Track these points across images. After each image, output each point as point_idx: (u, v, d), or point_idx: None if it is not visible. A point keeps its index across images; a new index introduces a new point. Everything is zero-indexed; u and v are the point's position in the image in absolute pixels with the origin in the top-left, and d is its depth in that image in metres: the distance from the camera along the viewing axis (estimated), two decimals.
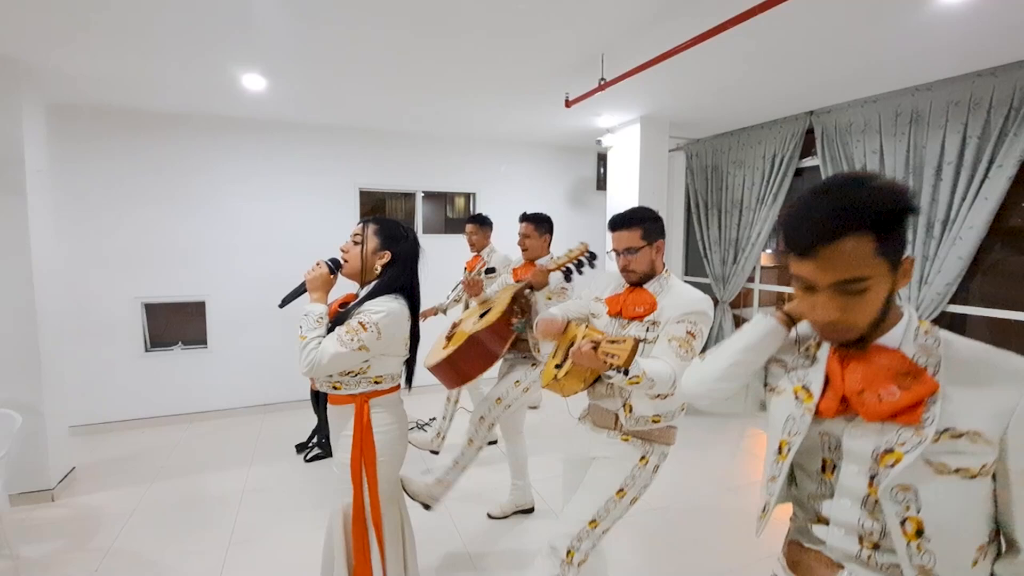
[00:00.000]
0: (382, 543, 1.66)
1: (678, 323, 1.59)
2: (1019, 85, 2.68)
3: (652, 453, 1.67)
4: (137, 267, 4.01)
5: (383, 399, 1.69)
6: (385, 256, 1.69)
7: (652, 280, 1.70)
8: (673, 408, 1.66)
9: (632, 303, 1.69)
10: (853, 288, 0.79)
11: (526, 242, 2.70)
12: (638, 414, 1.63)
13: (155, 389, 4.13)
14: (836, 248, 0.77)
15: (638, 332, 1.65)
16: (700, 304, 1.61)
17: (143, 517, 2.81)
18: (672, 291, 1.67)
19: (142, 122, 3.92)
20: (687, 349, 1.55)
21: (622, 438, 1.68)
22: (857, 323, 0.82)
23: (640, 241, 1.66)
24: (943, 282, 3.01)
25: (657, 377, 1.47)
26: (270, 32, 2.47)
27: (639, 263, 1.68)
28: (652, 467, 1.68)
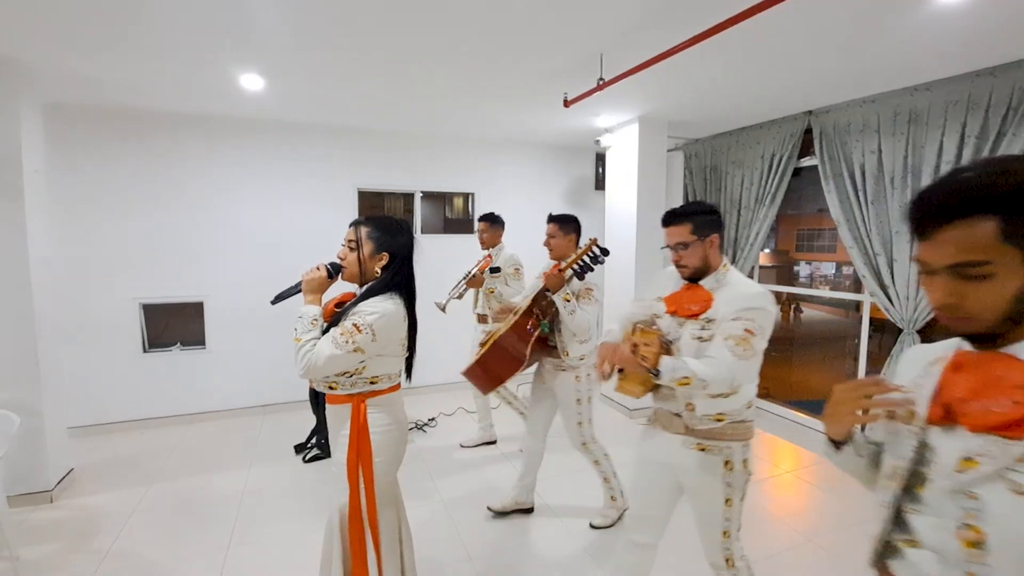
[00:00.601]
0: (378, 544, 1.66)
1: (734, 320, 1.54)
2: (1017, 85, 2.68)
3: (733, 455, 1.64)
4: (135, 268, 4.01)
5: (381, 399, 1.68)
6: (383, 258, 1.68)
7: (708, 276, 1.67)
8: (737, 406, 1.62)
9: (687, 301, 1.66)
10: (969, 272, 0.74)
11: (551, 242, 2.67)
12: (700, 412, 1.62)
13: (154, 390, 4.12)
14: (951, 229, 0.74)
15: (694, 331, 1.62)
16: (757, 299, 1.55)
17: (142, 518, 2.81)
18: (728, 286, 1.63)
19: (140, 122, 3.91)
20: (745, 347, 1.49)
21: (697, 447, 1.65)
22: (975, 312, 0.76)
23: (690, 236, 1.64)
24: None
25: (709, 378, 1.45)
26: (268, 32, 2.46)
27: (690, 258, 1.66)
28: (740, 464, 1.65)
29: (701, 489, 1.68)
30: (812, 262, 4.40)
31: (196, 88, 3.34)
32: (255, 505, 2.93)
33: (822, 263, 4.28)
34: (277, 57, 2.79)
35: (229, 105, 3.75)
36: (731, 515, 1.67)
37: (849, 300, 3.87)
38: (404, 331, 1.68)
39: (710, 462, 1.63)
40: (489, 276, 3.50)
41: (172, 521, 2.78)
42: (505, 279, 3.47)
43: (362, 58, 2.81)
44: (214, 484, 3.18)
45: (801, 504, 3.06)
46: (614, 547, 2.54)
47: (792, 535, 2.68)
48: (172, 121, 3.98)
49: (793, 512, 2.95)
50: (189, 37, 2.50)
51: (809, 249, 4.39)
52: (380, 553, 1.67)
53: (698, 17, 2.25)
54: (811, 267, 4.39)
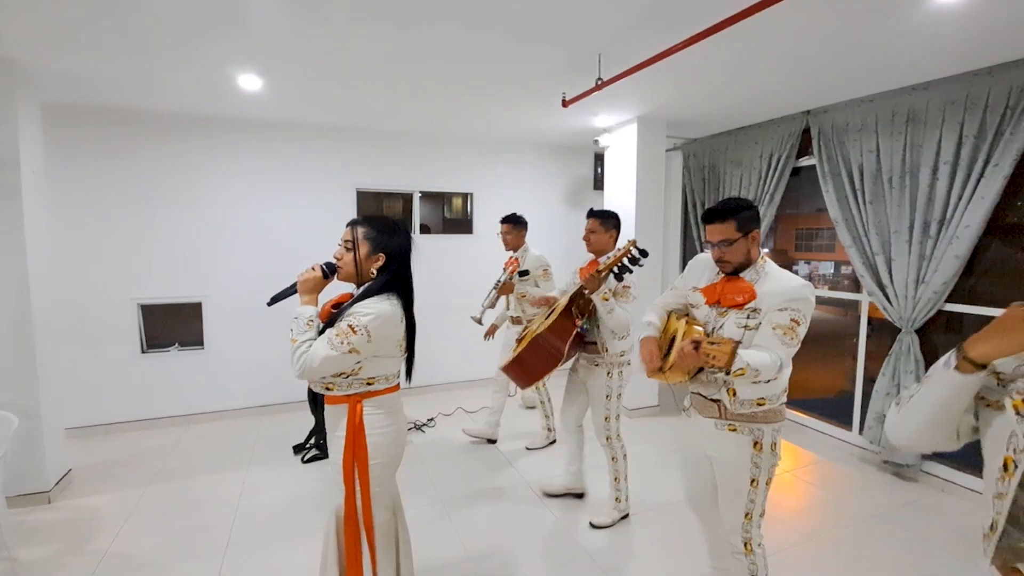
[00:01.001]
0: (373, 546, 1.65)
1: (780, 311, 1.61)
2: (1015, 84, 2.69)
3: (763, 436, 1.70)
4: (133, 268, 4.00)
5: (378, 400, 1.67)
6: (380, 259, 1.67)
7: (748, 268, 1.72)
8: (777, 391, 1.69)
9: (730, 292, 1.71)
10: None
11: (592, 237, 2.68)
12: (742, 397, 1.68)
13: (152, 391, 4.12)
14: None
15: (738, 320, 1.67)
16: (802, 291, 1.62)
17: (140, 520, 2.80)
18: (770, 278, 1.68)
19: (138, 122, 3.90)
20: (792, 336, 1.59)
21: (729, 428, 1.71)
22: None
23: (735, 233, 1.67)
24: (940, 281, 3.02)
25: (762, 367, 1.52)
26: (266, 32, 2.46)
27: (734, 254, 1.69)
28: (769, 446, 1.70)
29: (729, 468, 1.74)
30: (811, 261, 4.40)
31: (194, 88, 3.34)
32: (253, 506, 2.93)
33: (821, 262, 4.28)
34: (275, 57, 2.79)
35: (227, 105, 3.75)
36: (755, 497, 1.73)
37: (848, 299, 3.87)
38: (401, 332, 1.67)
39: (740, 442, 1.70)
40: (518, 280, 3.50)
41: (170, 522, 2.78)
42: (535, 281, 3.46)
43: (360, 58, 2.80)
44: (212, 485, 3.18)
45: (800, 503, 3.06)
46: (612, 546, 2.55)
47: (791, 534, 2.68)
48: (171, 121, 3.98)
49: (793, 511, 2.95)
50: (187, 36, 2.50)
51: (808, 248, 4.40)
52: (375, 556, 1.66)
53: (696, 17, 2.25)
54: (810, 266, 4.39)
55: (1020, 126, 2.68)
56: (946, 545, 2.59)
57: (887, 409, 3.29)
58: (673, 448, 3.73)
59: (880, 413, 3.34)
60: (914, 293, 3.16)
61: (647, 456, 3.56)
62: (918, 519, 2.83)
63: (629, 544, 2.60)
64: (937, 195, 3.02)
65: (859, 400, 3.72)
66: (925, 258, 3.11)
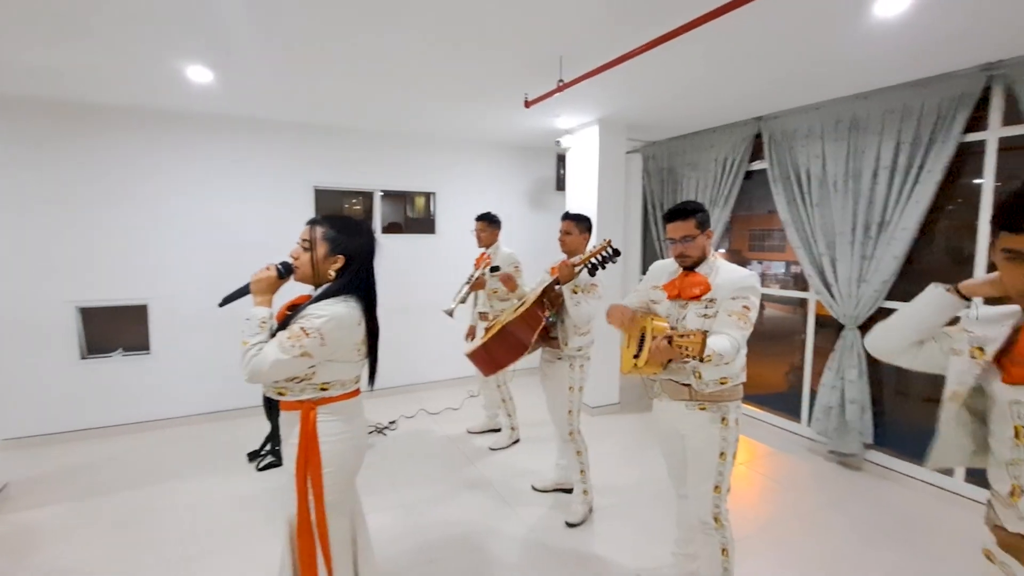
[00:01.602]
0: (328, 555, 1.60)
1: (733, 299, 1.81)
2: (945, 96, 2.88)
3: (728, 413, 1.89)
4: (72, 269, 3.76)
5: (334, 406, 1.61)
6: (338, 261, 1.61)
7: (702, 264, 1.92)
8: (735, 370, 1.88)
9: (688, 286, 1.91)
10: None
11: (566, 239, 2.77)
12: (707, 378, 1.86)
13: (93, 399, 3.88)
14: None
15: (697, 311, 1.87)
16: (749, 280, 1.83)
17: (84, 534, 2.64)
18: (721, 271, 1.89)
19: (79, 115, 3.67)
20: (744, 320, 1.79)
21: (699, 408, 1.90)
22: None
23: (695, 230, 1.89)
24: (880, 280, 3.20)
25: (724, 351, 1.69)
26: (215, 22, 2.36)
27: (694, 249, 1.90)
28: (733, 422, 1.90)
29: (701, 443, 1.92)
30: (763, 261, 4.58)
31: (139, 80, 3.17)
32: (206, 517, 2.81)
33: (773, 262, 4.46)
34: (226, 49, 2.68)
35: (176, 98, 3.58)
36: (723, 470, 1.91)
37: (797, 298, 4.05)
38: (359, 336, 1.62)
39: (710, 419, 1.89)
40: (489, 276, 3.61)
41: (116, 536, 2.63)
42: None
43: (316, 55, 2.73)
44: (161, 496, 3.02)
45: (754, 495, 3.18)
46: (579, 541, 2.58)
47: (746, 525, 2.78)
48: (114, 114, 3.77)
49: (747, 503, 3.06)
50: (131, 26, 2.37)
51: (760, 249, 4.58)
52: (331, 565, 1.61)
53: (654, 23, 2.30)
54: (762, 266, 4.57)
55: (950, 134, 2.87)
56: (886, 529, 2.74)
57: (833, 401, 3.47)
58: (636, 443, 3.81)
59: (827, 406, 3.51)
60: (856, 291, 3.34)
61: (611, 452, 3.62)
62: (862, 506, 2.99)
63: (594, 538, 2.63)
64: (877, 198, 3.20)
65: (807, 394, 3.89)
66: (866, 258, 3.29)
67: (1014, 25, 2.31)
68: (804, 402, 3.92)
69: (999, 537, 1.07)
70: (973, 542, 1.17)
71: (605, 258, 2.44)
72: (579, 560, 2.47)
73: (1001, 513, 1.07)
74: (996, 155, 2.84)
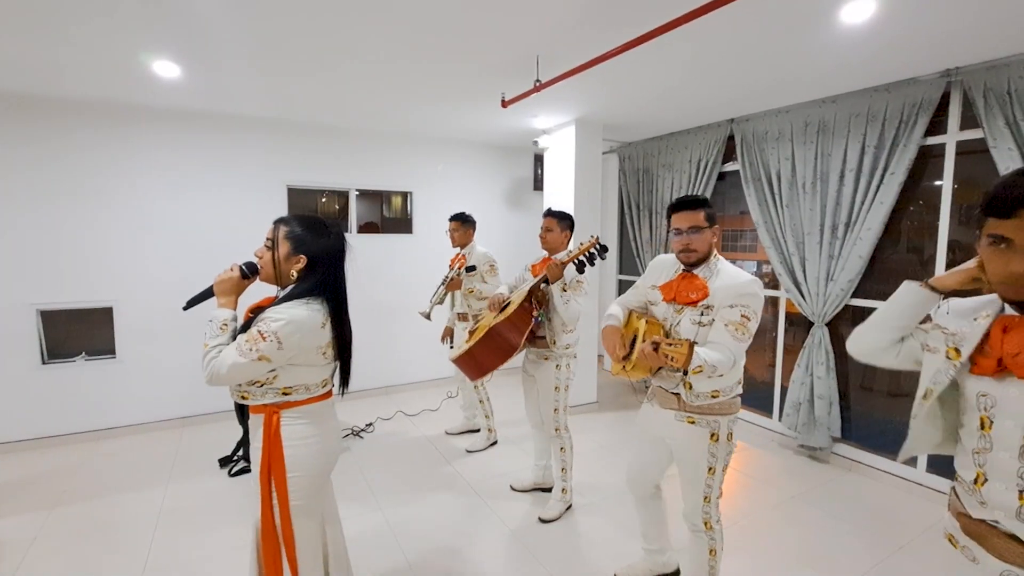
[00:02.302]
0: (293, 560, 1.57)
1: (731, 307, 1.69)
2: (907, 101, 2.98)
3: (720, 427, 1.80)
4: (32, 270, 3.61)
5: (299, 410, 1.57)
6: (300, 261, 1.56)
7: (702, 265, 1.81)
8: (731, 383, 1.79)
9: (685, 289, 1.80)
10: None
11: (548, 236, 2.75)
12: (698, 390, 1.77)
13: (55, 405, 3.73)
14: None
15: (692, 317, 1.77)
16: (750, 287, 1.71)
17: (46, 545, 2.54)
18: (721, 275, 1.77)
19: (39, 109, 3.52)
20: (743, 331, 1.67)
21: (688, 420, 1.81)
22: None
23: (704, 222, 1.79)
24: (846, 279, 3.30)
25: (717, 363, 1.62)
26: (182, 14, 2.29)
27: (700, 243, 1.79)
28: (725, 437, 1.82)
29: (688, 458, 1.85)
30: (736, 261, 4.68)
31: (104, 73, 3.05)
32: (175, 525, 2.73)
33: (745, 262, 4.56)
34: (194, 42, 2.60)
35: (142, 93, 3.46)
36: (712, 483, 1.86)
37: (768, 296, 4.14)
38: (324, 339, 1.56)
39: (698, 434, 1.81)
40: (465, 276, 3.57)
41: (79, 547, 2.53)
42: (481, 276, 3.55)
43: (289, 52, 2.68)
44: (127, 505, 2.93)
45: (728, 490, 3.23)
46: (558, 540, 2.59)
47: None
48: (77, 109, 3.62)
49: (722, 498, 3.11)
50: (94, 16, 2.28)
51: (733, 249, 4.67)
52: (296, 570, 1.57)
53: (630, 24, 2.33)
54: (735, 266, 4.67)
55: (912, 138, 2.97)
56: (854, 519, 2.83)
57: (802, 397, 3.56)
58: (613, 442, 3.84)
59: (797, 401, 3.61)
60: (824, 290, 3.43)
61: (589, 450, 3.65)
62: (829, 498, 3.08)
63: (575, 537, 2.65)
64: (844, 199, 3.30)
65: (778, 390, 3.99)
66: (834, 257, 3.39)
67: (971, 33, 2.41)
68: (775, 398, 4.01)
69: (962, 523, 1.11)
70: (935, 529, 1.22)
71: (593, 255, 2.44)
72: (559, 560, 2.48)
73: (965, 500, 1.10)
74: (955, 158, 2.96)
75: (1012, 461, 1.00)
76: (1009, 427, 1.00)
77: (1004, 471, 1.01)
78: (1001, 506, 1.01)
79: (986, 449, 1.04)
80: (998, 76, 2.63)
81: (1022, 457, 0.98)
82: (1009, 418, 1.00)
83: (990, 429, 1.03)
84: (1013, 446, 0.99)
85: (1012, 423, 0.99)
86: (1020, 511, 0.98)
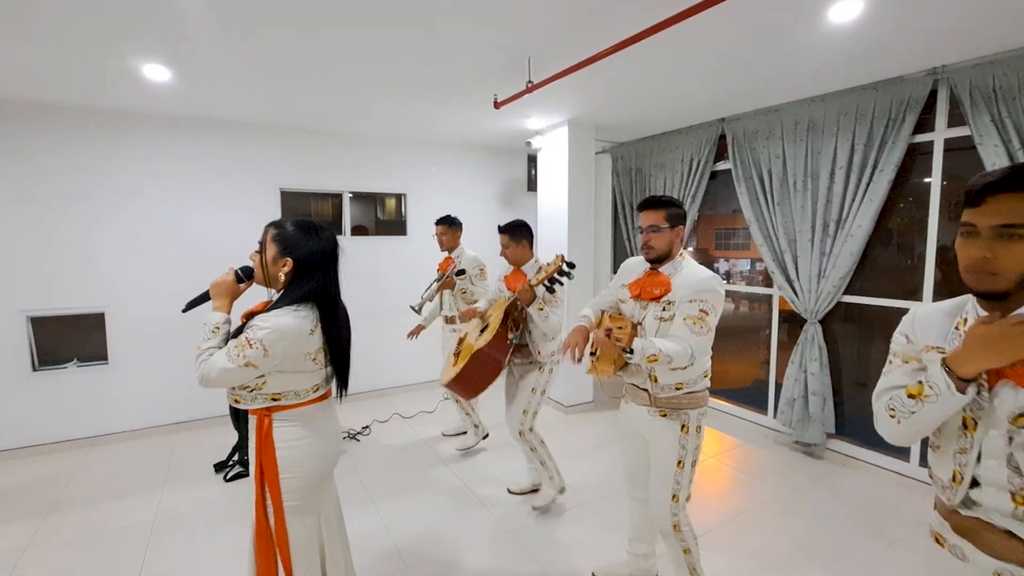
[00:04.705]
0: (287, 562, 1.57)
1: (690, 302, 1.77)
2: (895, 99, 3.01)
3: (689, 420, 1.87)
4: (22, 276, 3.58)
5: (292, 412, 1.57)
6: (286, 264, 1.55)
7: (667, 263, 1.89)
8: (694, 375, 1.85)
9: (649, 286, 1.88)
10: (1008, 232, 0.92)
11: (506, 252, 2.82)
12: (663, 383, 1.85)
13: (47, 412, 3.70)
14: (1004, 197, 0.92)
15: (656, 312, 1.85)
16: (708, 283, 1.78)
17: (38, 553, 2.52)
18: (684, 272, 1.85)
19: (30, 114, 3.50)
20: (701, 325, 1.75)
21: (660, 414, 1.89)
22: (1003, 269, 0.93)
23: (664, 222, 1.85)
24: (838, 275, 3.33)
25: (674, 354, 1.68)
26: (173, 18, 2.28)
27: (659, 241, 1.86)
28: (695, 430, 1.88)
29: (660, 449, 1.91)
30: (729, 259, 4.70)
31: (94, 78, 3.03)
32: (170, 531, 2.71)
33: (738, 260, 4.59)
34: (184, 46, 2.59)
35: (134, 97, 3.44)
36: (681, 478, 1.89)
37: (761, 294, 4.17)
38: (312, 346, 1.54)
39: (669, 426, 1.88)
40: (457, 278, 3.55)
41: (73, 555, 2.51)
42: (471, 279, 3.53)
43: (280, 54, 2.67)
44: (121, 512, 2.90)
45: (724, 486, 3.26)
46: (552, 540, 2.59)
47: (716, 516, 2.85)
48: (68, 114, 3.60)
49: (717, 495, 3.14)
50: (83, 20, 2.27)
51: (726, 247, 4.70)
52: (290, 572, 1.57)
53: (620, 25, 2.34)
54: (729, 263, 4.69)
55: (900, 135, 3.00)
56: (848, 514, 2.85)
57: (796, 393, 3.58)
58: (607, 440, 3.85)
59: (791, 398, 3.63)
60: (817, 287, 3.46)
61: (582, 448, 3.65)
62: (824, 493, 3.10)
63: (574, 537, 2.65)
64: (834, 197, 3.33)
65: (773, 387, 4.01)
66: (825, 255, 3.42)
67: (956, 31, 2.45)
68: (770, 395, 4.04)
69: (952, 521, 1.08)
70: (927, 523, 1.21)
71: (561, 273, 2.45)
72: (560, 560, 2.48)
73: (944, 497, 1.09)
74: (942, 155, 3.00)
75: (1000, 469, 0.98)
76: (994, 434, 0.98)
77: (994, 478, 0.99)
78: (997, 510, 0.99)
79: (967, 449, 1.02)
80: (983, 74, 2.66)
81: (1009, 464, 0.96)
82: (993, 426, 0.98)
83: (974, 430, 1.01)
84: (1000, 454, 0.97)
85: (996, 431, 0.97)
86: (1016, 511, 0.96)
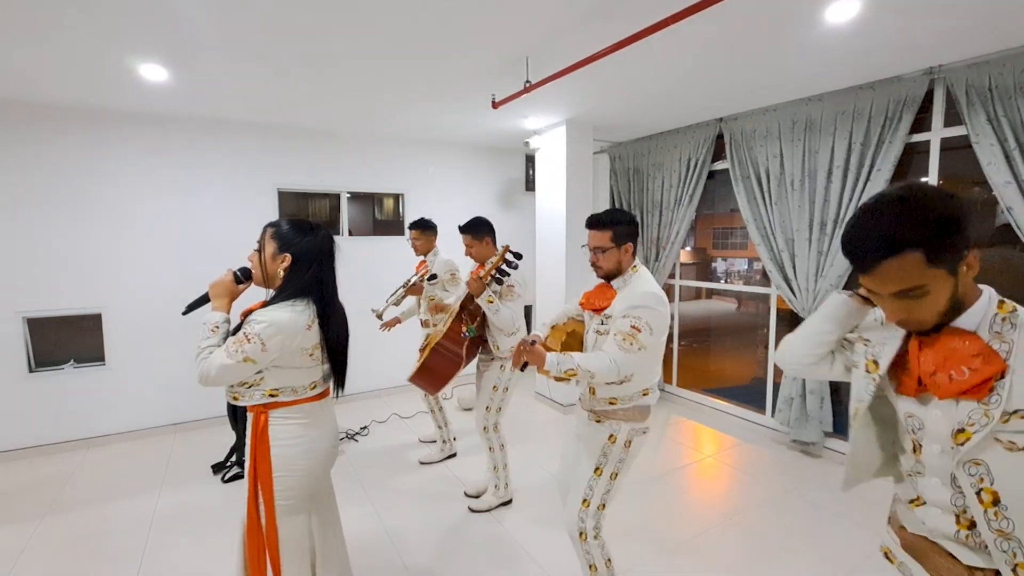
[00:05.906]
0: (276, 561, 1.56)
1: (623, 318, 1.71)
2: (893, 98, 3.02)
3: (619, 432, 1.81)
4: (18, 277, 3.56)
5: (288, 410, 1.57)
6: (285, 260, 1.57)
7: (619, 277, 1.84)
8: (630, 392, 1.79)
9: (595, 298, 1.86)
10: (912, 295, 0.88)
11: (471, 251, 2.83)
12: (599, 396, 1.83)
13: (43, 413, 3.69)
14: (887, 266, 0.87)
15: (595, 325, 1.82)
16: (644, 299, 1.71)
17: (36, 555, 2.51)
18: (629, 286, 1.79)
19: (26, 115, 3.48)
20: (631, 341, 1.66)
21: (595, 419, 1.86)
22: (924, 319, 0.91)
23: (609, 243, 1.79)
24: (835, 274, 3.34)
25: (595, 369, 1.64)
26: (169, 16, 2.28)
27: (606, 261, 1.82)
28: (623, 443, 1.81)
29: (585, 452, 1.87)
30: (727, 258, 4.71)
31: (90, 77, 3.02)
32: (168, 532, 2.70)
33: (736, 259, 4.60)
34: (180, 45, 2.59)
35: (130, 97, 3.43)
36: (595, 485, 1.82)
37: (759, 293, 4.18)
38: (309, 341, 1.55)
39: (599, 431, 1.84)
40: (427, 284, 3.45)
41: (71, 556, 2.50)
42: (443, 285, 3.43)
43: (277, 54, 2.67)
44: (118, 513, 2.90)
45: (723, 485, 3.26)
46: (549, 546, 2.59)
47: (715, 515, 2.85)
48: (66, 114, 3.59)
49: (716, 494, 3.15)
50: (78, 19, 2.26)
51: (724, 247, 4.71)
52: (278, 570, 1.57)
53: (618, 25, 2.34)
54: (727, 263, 4.70)
55: (897, 135, 3.01)
56: (846, 512, 2.86)
57: (794, 393, 3.59)
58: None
59: (789, 397, 3.64)
60: (814, 286, 3.47)
61: None
62: (821, 491, 3.11)
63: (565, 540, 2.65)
64: (832, 196, 3.34)
65: (771, 386, 4.02)
66: (823, 254, 3.43)
67: (953, 31, 2.45)
68: (768, 394, 4.05)
69: (903, 538, 1.06)
70: None
71: (507, 264, 2.51)
72: (558, 560, 2.48)
73: (904, 516, 1.06)
74: (939, 155, 3.01)
75: (943, 488, 0.94)
76: (935, 451, 0.94)
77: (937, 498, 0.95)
78: (940, 531, 0.96)
79: (919, 473, 0.99)
80: (979, 73, 2.67)
81: (952, 485, 0.92)
82: (935, 442, 0.94)
83: (920, 453, 0.97)
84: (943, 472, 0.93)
85: (938, 447, 0.93)
86: (958, 534, 0.93)
